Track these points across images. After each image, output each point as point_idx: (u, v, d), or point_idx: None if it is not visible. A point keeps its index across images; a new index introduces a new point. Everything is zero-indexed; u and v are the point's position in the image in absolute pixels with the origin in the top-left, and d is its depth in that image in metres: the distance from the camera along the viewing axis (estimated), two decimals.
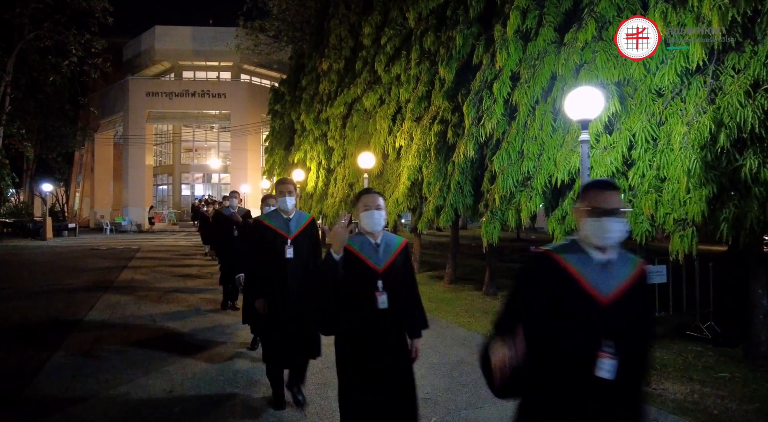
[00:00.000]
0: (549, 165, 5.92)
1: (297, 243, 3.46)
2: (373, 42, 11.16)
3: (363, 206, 2.35)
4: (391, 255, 2.37)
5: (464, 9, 7.88)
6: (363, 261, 2.31)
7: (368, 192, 2.44)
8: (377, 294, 2.27)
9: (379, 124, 10.51)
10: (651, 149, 5.01)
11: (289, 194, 3.47)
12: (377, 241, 2.38)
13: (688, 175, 4.36)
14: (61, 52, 22.80)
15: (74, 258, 13.64)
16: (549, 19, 6.33)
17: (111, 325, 6.02)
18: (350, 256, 2.27)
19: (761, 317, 4.58)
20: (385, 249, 2.39)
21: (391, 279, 2.32)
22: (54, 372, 4.31)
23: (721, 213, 4.28)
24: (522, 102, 6.40)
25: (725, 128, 4.17)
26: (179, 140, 33.69)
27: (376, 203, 2.34)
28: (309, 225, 3.56)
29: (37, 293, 8.29)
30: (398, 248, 2.43)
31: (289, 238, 3.43)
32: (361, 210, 2.36)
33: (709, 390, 4.02)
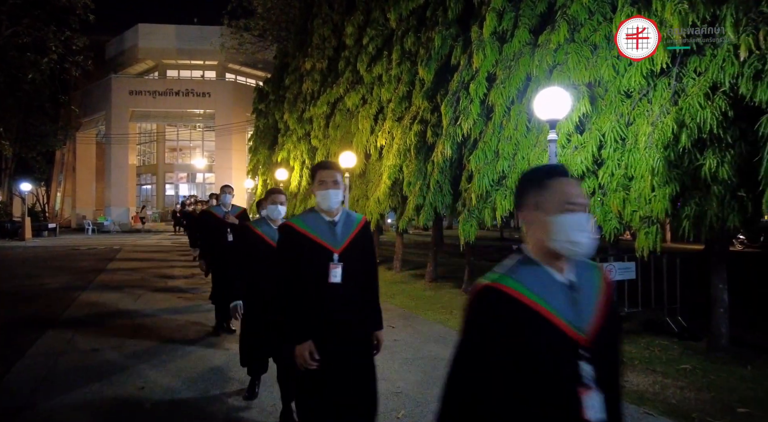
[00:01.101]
0: (523, 164, 6.04)
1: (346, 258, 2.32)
2: (355, 42, 11.22)
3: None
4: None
5: (443, 10, 7.98)
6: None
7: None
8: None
9: (361, 124, 10.57)
10: (620, 149, 5.15)
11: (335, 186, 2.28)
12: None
13: (653, 174, 4.51)
14: (41, 49, 22.44)
15: (52, 259, 13.44)
16: (524, 21, 6.46)
17: (86, 324, 5.98)
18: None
19: (721, 311, 4.74)
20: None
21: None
22: (25, 371, 4.30)
23: (683, 210, 4.44)
24: (498, 102, 6.52)
25: (687, 129, 4.31)
26: (163, 139, 33.35)
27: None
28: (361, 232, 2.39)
29: (12, 293, 8.19)
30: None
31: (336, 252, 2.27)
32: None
33: (670, 381, 4.17)
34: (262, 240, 3.40)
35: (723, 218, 4.18)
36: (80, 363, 4.51)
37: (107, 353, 4.82)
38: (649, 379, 4.22)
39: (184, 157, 34.64)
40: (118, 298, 7.59)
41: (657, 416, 3.47)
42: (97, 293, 8.05)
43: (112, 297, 7.71)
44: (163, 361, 4.55)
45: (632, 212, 4.83)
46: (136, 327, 5.86)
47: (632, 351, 4.97)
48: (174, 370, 4.31)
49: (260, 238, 3.41)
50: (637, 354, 4.89)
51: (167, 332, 5.60)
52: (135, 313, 6.57)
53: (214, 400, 3.66)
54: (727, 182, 4.11)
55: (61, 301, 7.35)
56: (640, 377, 4.27)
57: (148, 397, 3.70)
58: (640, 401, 3.74)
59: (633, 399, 3.77)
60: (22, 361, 4.57)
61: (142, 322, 6.08)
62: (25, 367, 4.41)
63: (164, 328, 5.77)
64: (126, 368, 4.35)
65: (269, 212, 3.43)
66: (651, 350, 5.04)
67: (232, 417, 3.40)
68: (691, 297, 6.12)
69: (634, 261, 5.61)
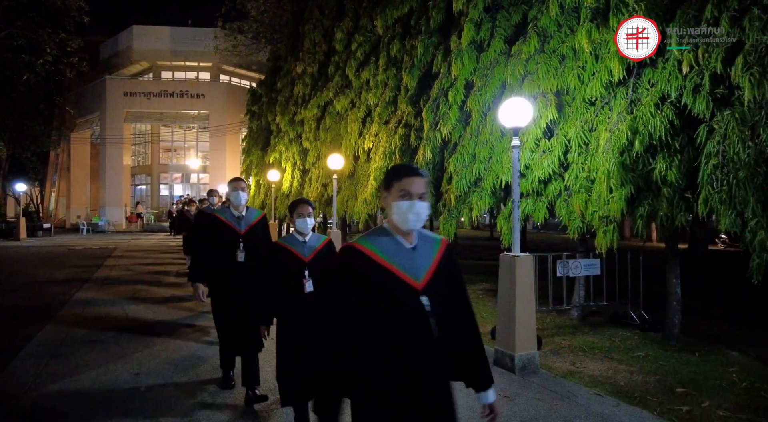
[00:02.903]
0: (497, 167, 6.41)
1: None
2: (344, 47, 11.57)
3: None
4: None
5: (426, 19, 8.34)
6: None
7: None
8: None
9: (350, 127, 10.91)
10: (583, 153, 5.53)
11: None
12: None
13: (609, 177, 4.89)
14: (35, 50, 22.62)
15: (49, 258, 13.70)
16: (500, 31, 6.83)
17: (84, 317, 6.30)
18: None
19: (674, 304, 5.14)
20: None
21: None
22: (28, 359, 4.62)
23: (637, 210, 4.82)
24: (475, 108, 6.89)
25: (640, 135, 4.70)
26: (158, 140, 33.56)
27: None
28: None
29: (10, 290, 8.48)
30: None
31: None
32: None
33: (623, 367, 4.55)
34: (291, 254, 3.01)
35: (672, 217, 4.57)
36: (78, 352, 4.83)
37: (105, 344, 5.14)
38: (605, 365, 4.60)
39: (178, 158, 34.84)
40: (115, 293, 7.90)
41: (604, 395, 3.84)
42: (94, 289, 8.35)
43: (109, 291, 8.02)
44: (157, 351, 4.88)
45: (593, 212, 5.21)
46: (132, 320, 6.18)
47: (593, 342, 5.36)
48: (167, 359, 4.64)
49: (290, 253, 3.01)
50: (598, 344, 5.27)
51: (163, 326, 5.93)
52: (130, 307, 6.88)
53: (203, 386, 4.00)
54: (675, 185, 4.50)
55: (60, 297, 7.65)
56: (597, 364, 4.66)
57: (143, 382, 4.04)
58: (593, 384, 4.12)
59: (586, 383, 4.15)
60: (25, 350, 4.89)
61: (136, 317, 6.39)
62: (28, 355, 4.73)
63: (160, 322, 6.10)
64: (124, 356, 4.68)
65: (297, 226, 3.05)
66: (612, 340, 5.43)
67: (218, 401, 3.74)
68: (655, 293, 6.52)
69: (599, 258, 5.99)
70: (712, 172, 4.06)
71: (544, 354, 4.89)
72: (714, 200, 3.99)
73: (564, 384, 4.10)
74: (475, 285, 9.16)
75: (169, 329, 5.77)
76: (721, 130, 4.01)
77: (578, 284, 6.33)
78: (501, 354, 4.51)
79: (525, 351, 4.38)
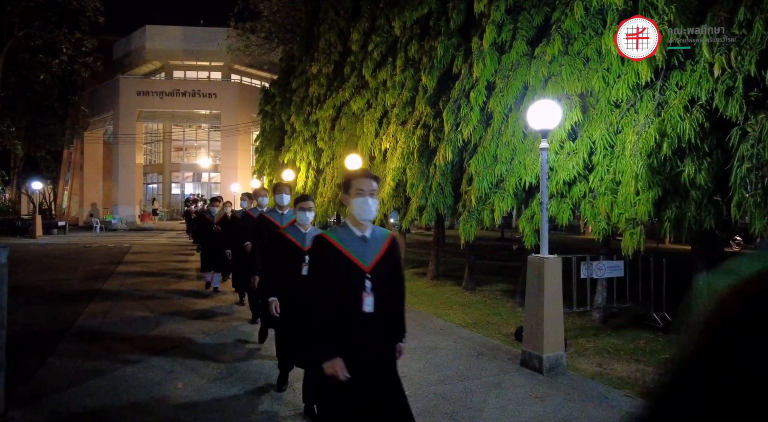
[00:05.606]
0: (520, 169, 6.43)
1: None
2: (360, 48, 11.62)
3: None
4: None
5: (445, 21, 8.37)
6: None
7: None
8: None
9: (366, 127, 10.97)
10: (609, 155, 5.54)
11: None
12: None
13: (636, 179, 4.89)
14: (52, 50, 22.93)
15: (68, 255, 13.89)
16: (522, 33, 6.85)
17: (111, 317, 6.40)
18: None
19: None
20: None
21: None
22: (65, 354, 4.71)
23: (664, 213, 4.83)
24: (496, 110, 6.91)
25: (668, 138, 4.70)
26: (170, 139, 33.84)
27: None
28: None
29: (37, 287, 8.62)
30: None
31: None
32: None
33: (651, 369, 4.55)
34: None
35: (700, 220, 4.57)
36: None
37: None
38: (632, 367, 4.61)
39: (189, 157, 35.12)
40: (141, 283, 8.01)
41: (634, 398, 3.86)
42: (119, 280, 8.48)
43: (135, 282, 8.13)
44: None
45: (619, 214, 5.22)
46: (160, 317, 6.27)
47: (618, 343, 5.37)
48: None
49: None
50: (623, 346, 5.28)
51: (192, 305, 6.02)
52: (158, 299, 6.98)
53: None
54: (704, 188, 4.51)
55: (85, 294, 7.78)
56: (624, 366, 4.67)
57: (179, 379, 4.11)
58: (621, 385, 4.13)
59: (616, 385, 4.16)
60: (60, 346, 4.99)
61: (165, 313, 6.49)
62: (64, 351, 4.83)
63: (189, 302, 6.19)
64: (158, 353, 4.76)
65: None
66: (636, 342, 5.43)
67: None
68: (678, 295, 6.50)
69: (623, 260, 5.99)
70: (745, 175, 4.06)
71: (570, 355, 4.90)
72: (748, 203, 3.99)
73: (593, 386, 4.12)
74: (492, 286, 9.18)
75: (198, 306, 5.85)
76: (755, 133, 4.01)
77: (600, 286, 6.33)
78: (528, 355, 4.53)
79: (553, 352, 4.40)
